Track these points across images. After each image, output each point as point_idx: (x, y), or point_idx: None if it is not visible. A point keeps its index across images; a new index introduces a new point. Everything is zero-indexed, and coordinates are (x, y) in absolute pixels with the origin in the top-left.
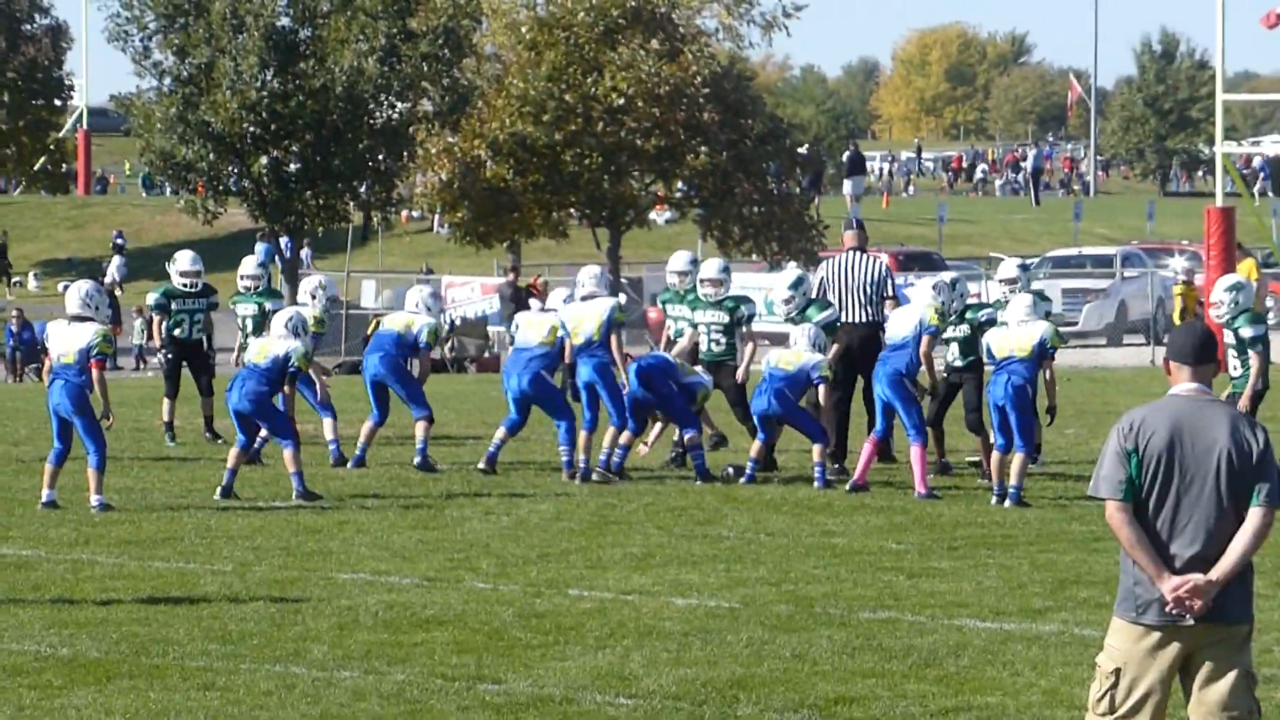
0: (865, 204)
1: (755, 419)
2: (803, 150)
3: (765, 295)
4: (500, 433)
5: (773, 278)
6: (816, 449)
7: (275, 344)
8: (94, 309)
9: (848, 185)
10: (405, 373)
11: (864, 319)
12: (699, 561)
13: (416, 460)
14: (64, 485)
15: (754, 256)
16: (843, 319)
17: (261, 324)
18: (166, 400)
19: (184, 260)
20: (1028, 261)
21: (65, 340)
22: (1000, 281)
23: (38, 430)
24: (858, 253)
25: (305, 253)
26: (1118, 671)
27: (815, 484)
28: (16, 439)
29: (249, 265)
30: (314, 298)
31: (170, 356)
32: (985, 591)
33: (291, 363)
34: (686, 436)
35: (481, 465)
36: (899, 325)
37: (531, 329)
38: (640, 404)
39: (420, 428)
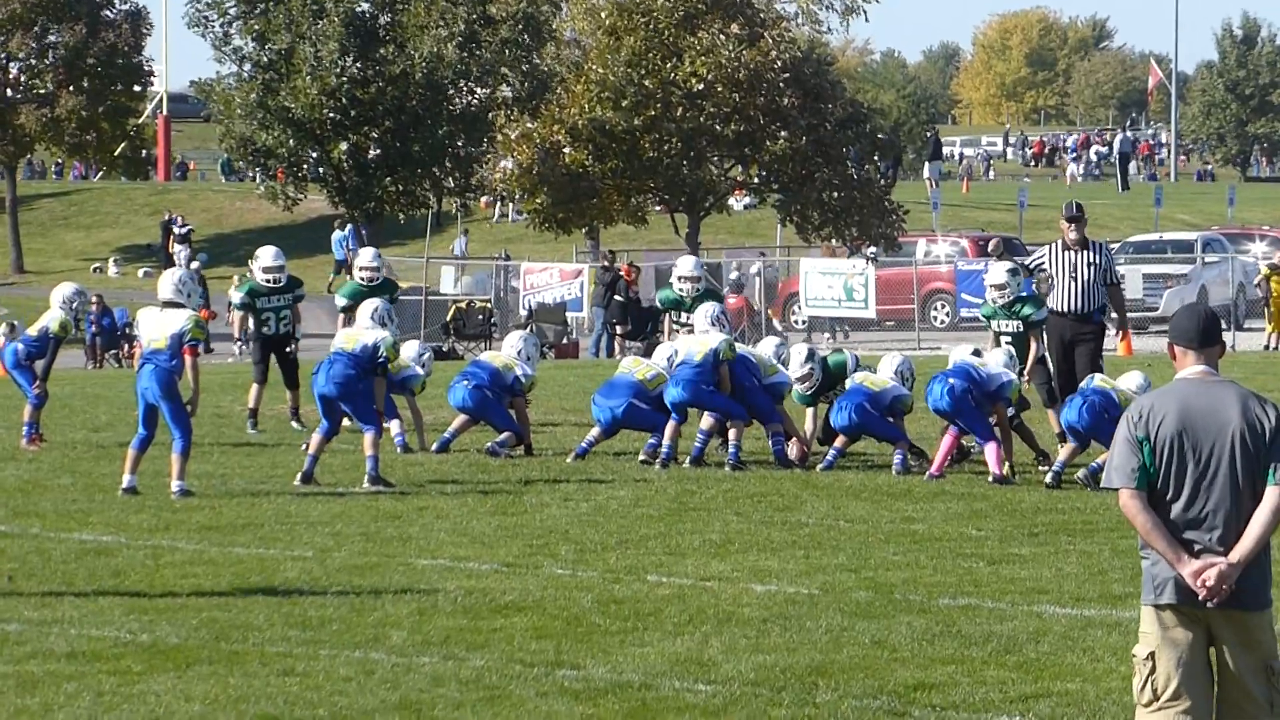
0: (945, 189)
1: (838, 431)
2: (882, 135)
3: (845, 281)
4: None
5: (851, 262)
6: (898, 445)
7: (364, 333)
8: (186, 295)
9: (927, 169)
10: (357, 389)
11: (1082, 309)
12: (778, 548)
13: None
14: (144, 471)
15: (834, 242)
16: (1062, 308)
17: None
18: (255, 386)
19: (266, 256)
20: (1026, 262)
21: (157, 326)
22: (991, 287)
23: (118, 416)
24: (1078, 242)
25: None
26: (1153, 655)
27: (894, 470)
28: (97, 425)
29: (366, 256)
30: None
31: (258, 346)
32: (1065, 578)
33: (380, 352)
34: (770, 427)
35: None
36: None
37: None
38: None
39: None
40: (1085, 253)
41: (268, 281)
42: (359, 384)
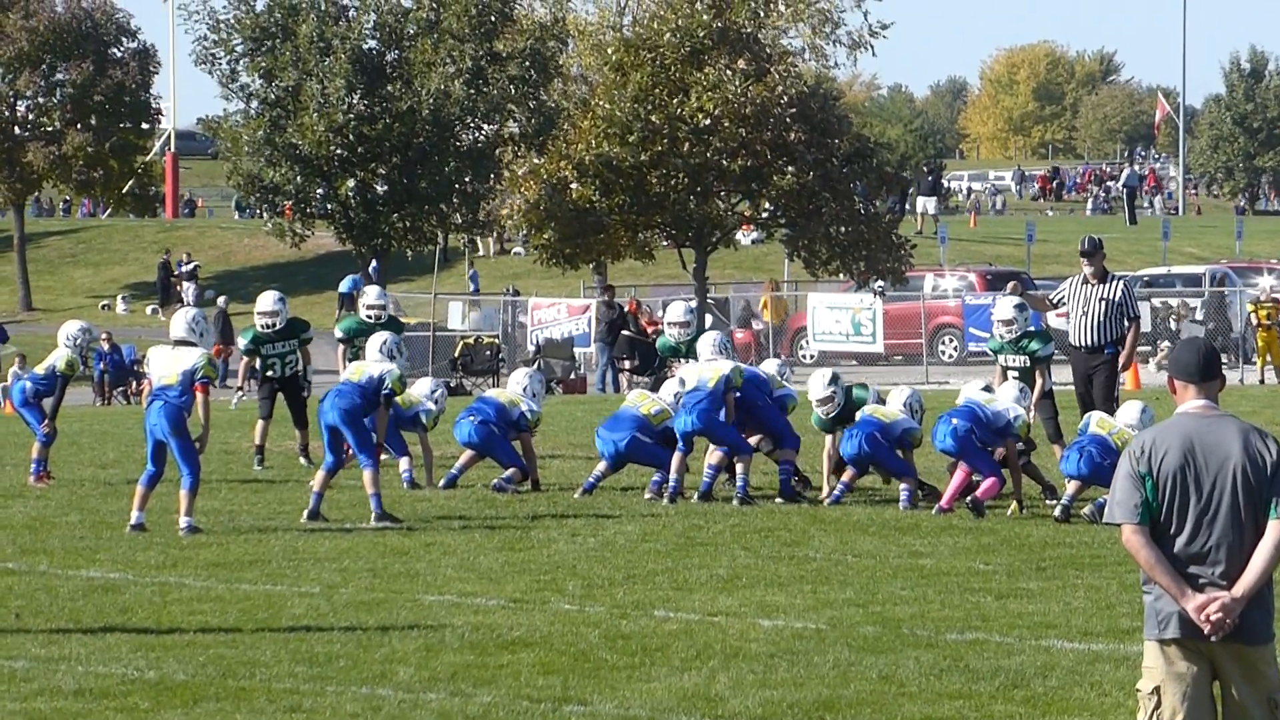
0: (953, 223)
1: (847, 461)
2: (890, 169)
3: (853, 315)
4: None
5: (859, 297)
6: (905, 481)
7: (371, 366)
8: (199, 335)
9: (922, 204)
10: (360, 420)
11: (1093, 342)
12: (785, 583)
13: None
14: (152, 508)
15: (841, 276)
16: (1076, 341)
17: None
18: (260, 422)
19: (264, 301)
20: (1051, 296)
21: (168, 363)
22: (998, 322)
23: (125, 453)
24: (1096, 275)
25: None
26: (1158, 690)
27: (900, 505)
28: (105, 462)
29: (372, 295)
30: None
31: (265, 384)
32: (1073, 612)
33: (386, 385)
34: (780, 454)
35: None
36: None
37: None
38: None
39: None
40: (1101, 287)
41: (265, 327)
42: (362, 414)
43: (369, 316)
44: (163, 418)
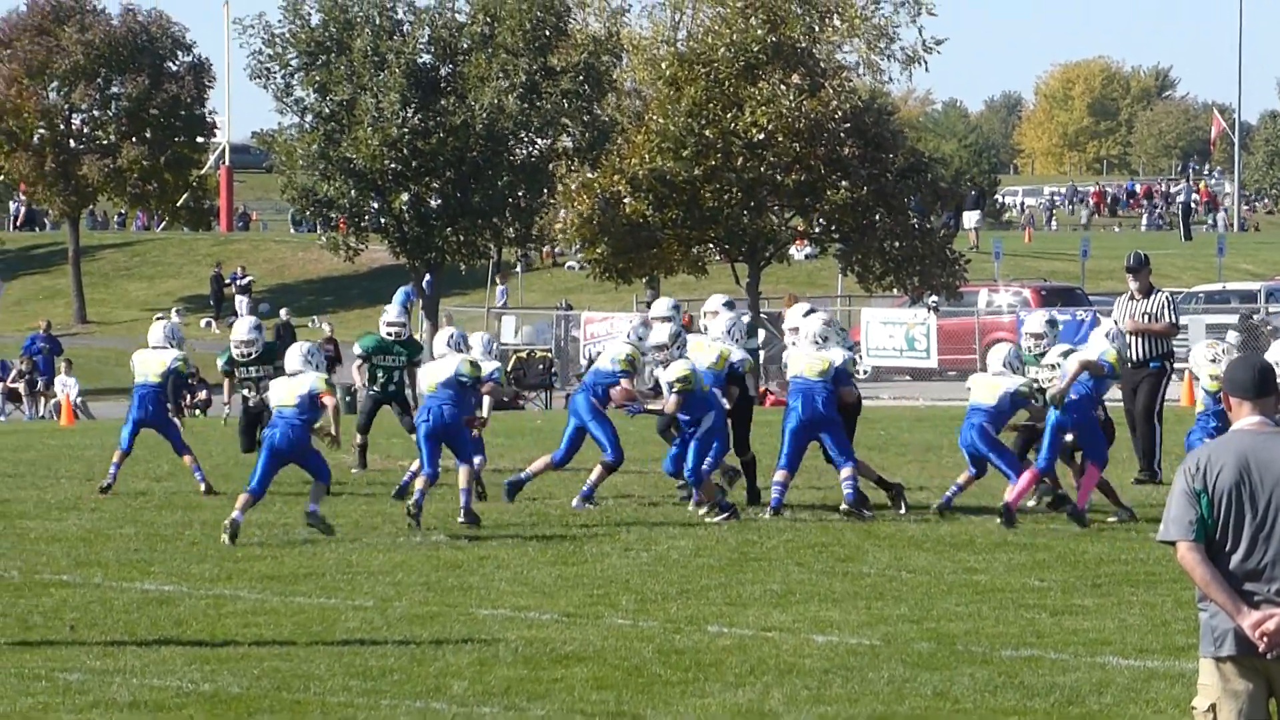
0: (1007, 239)
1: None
2: (944, 184)
3: (907, 330)
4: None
5: (912, 312)
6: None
7: (442, 368)
8: (314, 365)
9: (967, 219)
10: (458, 424)
11: (1138, 356)
12: (839, 599)
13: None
14: (205, 520)
15: (895, 291)
16: (1130, 358)
17: (403, 379)
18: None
19: (239, 329)
20: (1058, 317)
21: (286, 390)
22: (1028, 335)
23: (180, 466)
24: (1141, 291)
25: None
26: (1213, 708)
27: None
28: (159, 474)
29: (393, 312)
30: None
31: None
32: (1129, 629)
33: (461, 374)
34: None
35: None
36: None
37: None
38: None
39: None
40: (1145, 302)
41: (239, 355)
42: (460, 415)
43: (389, 334)
44: (286, 442)
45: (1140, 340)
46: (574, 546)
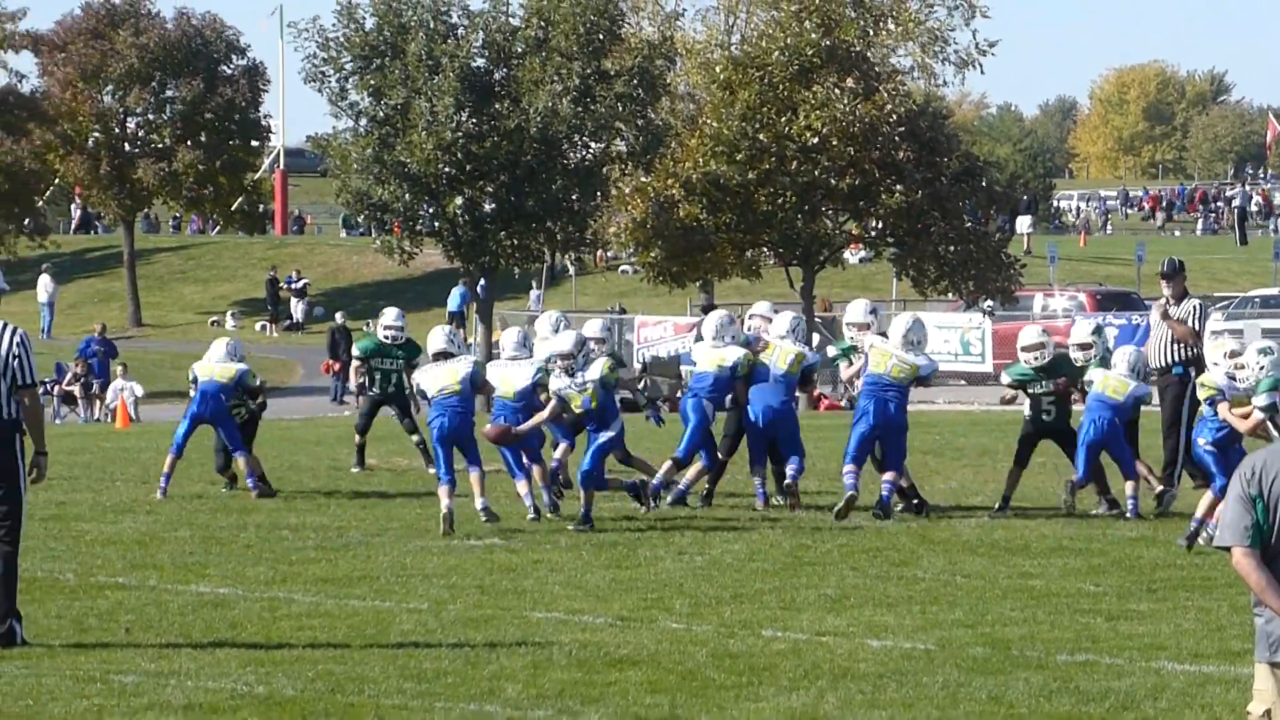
0: (1062, 243)
1: (1083, 449)
2: (999, 188)
3: (962, 334)
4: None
5: (968, 316)
6: (1129, 485)
7: (517, 374)
8: (457, 345)
9: (1020, 222)
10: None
11: (1160, 362)
12: (894, 603)
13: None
14: (260, 524)
15: (949, 295)
16: (1153, 363)
17: (402, 381)
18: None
19: (389, 316)
20: (1113, 322)
21: (444, 376)
22: (1074, 345)
23: (236, 468)
24: (1175, 297)
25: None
26: (1268, 713)
27: (1128, 513)
28: (214, 477)
29: (390, 316)
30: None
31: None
32: (1184, 634)
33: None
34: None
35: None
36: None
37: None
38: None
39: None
40: (1176, 308)
41: (387, 338)
42: (469, 420)
43: (386, 338)
44: (452, 427)
45: (1166, 346)
46: (627, 550)
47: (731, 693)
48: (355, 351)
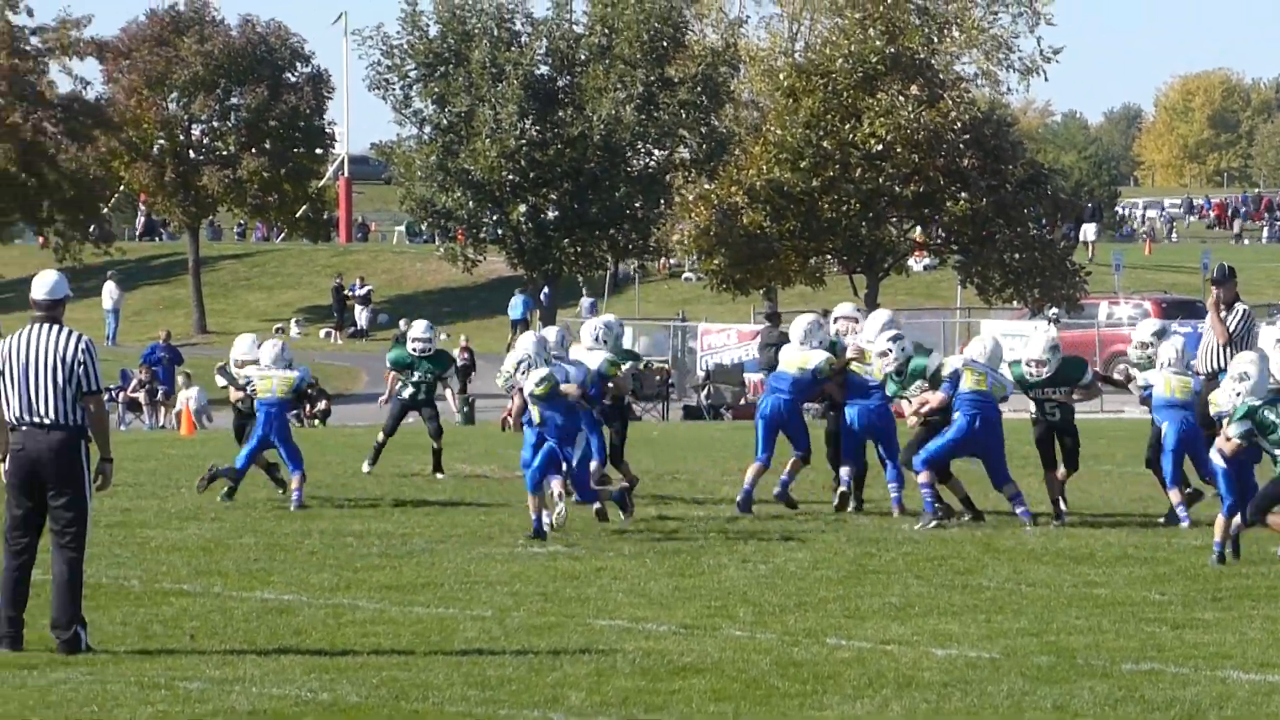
0: (1128, 251)
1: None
2: (1064, 196)
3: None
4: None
5: (1033, 324)
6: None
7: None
8: (604, 343)
9: (1085, 230)
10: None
11: (1206, 367)
12: (958, 611)
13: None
14: (324, 530)
15: (1015, 303)
16: (1199, 368)
17: (431, 390)
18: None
19: (417, 327)
20: (1179, 330)
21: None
22: (1137, 344)
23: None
24: (1226, 303)
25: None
26: None
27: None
28: (267, 482)
29: (419, 329)
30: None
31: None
32: (1250, 643)
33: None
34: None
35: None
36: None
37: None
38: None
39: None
40: (1226, 314)
41: (415, 350)
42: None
43: (415, 350)
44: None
45: (1213, 352)
46: (691, 558)
47: (795, 701)
48: (387, 361)
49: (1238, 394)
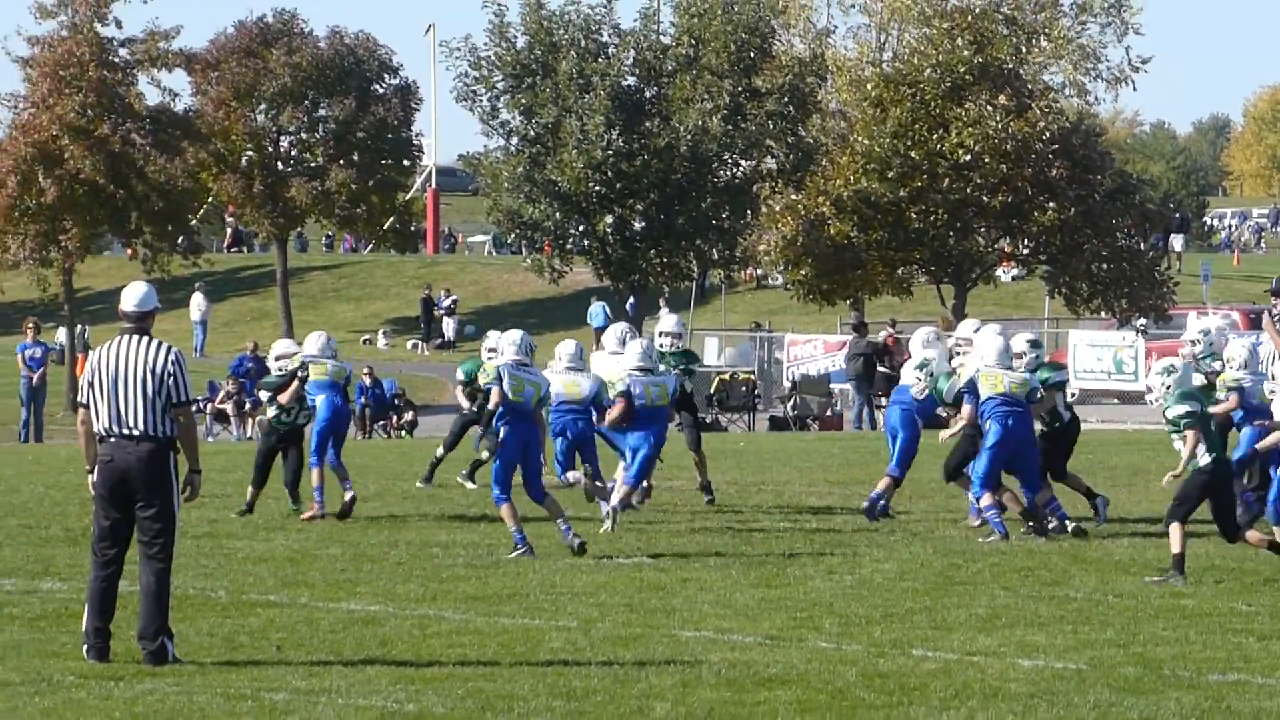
0: (1216, 261)
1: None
2: (1152, 206)
3: (1115, 353)
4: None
5: (1121, 334)
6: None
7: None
8: (650, 358)
9: (1172, 241)
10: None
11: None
12: (1045, 623)
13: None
14: (410, 541)
15: (1102, 313)
16: None
17: None
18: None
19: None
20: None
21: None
22: (1187, 342)
23: (387, 486)
24: None
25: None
26: None
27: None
28: (365, 495)
29: (494, 338)
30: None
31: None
32: None
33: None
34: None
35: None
36: None
37: None
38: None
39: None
40: None
41: (278, 369)
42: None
43: (489, 358)
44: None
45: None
46: (777, 569)
47: (881, 712)
48: (459, 375)
49: (1166, 386)
